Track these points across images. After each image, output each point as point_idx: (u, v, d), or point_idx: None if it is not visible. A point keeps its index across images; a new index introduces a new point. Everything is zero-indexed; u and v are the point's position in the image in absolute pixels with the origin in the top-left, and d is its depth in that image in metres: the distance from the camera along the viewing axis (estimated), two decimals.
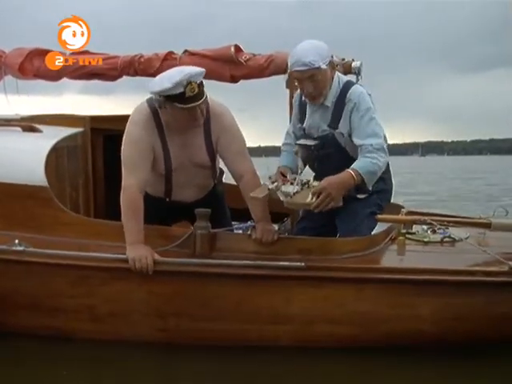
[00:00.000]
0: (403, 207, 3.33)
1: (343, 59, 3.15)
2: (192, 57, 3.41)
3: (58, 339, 2.70)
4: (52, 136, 3.16)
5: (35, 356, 2.68)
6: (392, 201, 3.18)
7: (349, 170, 2.67)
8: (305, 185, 2.64)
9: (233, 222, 3.21)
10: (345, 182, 2.65)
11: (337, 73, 2.88)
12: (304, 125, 2.95)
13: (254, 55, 3.32)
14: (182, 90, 2.50)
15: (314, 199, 2.57)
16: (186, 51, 3.43)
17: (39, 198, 2.87)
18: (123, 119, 2.81)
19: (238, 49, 3.32)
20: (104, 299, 2.68)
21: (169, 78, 2.53)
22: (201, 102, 2.58)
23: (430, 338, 2.60)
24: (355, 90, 2.82)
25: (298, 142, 2.90)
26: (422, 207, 4.96)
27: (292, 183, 2.66)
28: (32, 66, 3.65)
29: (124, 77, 3.62)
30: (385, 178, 3.00)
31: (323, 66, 2.69)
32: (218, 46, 3.43)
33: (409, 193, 12.27)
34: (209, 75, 3.29)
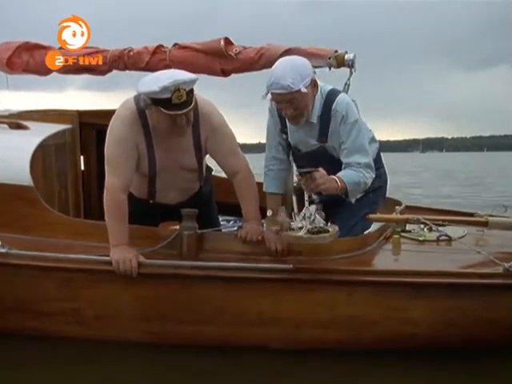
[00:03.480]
0: (400, 203, 3.24)
1: (336, 51, 3.02)
2: (182, 50, 3.31)
3: (43, 341, 2.65)
4: (39, 133, 3.09)
5: (21, 358, 2.63)
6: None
7: (333, 177, 2.53)
8: (315, 226, 2.43)
9: (222, 218, 3.12)
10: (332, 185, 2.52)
11: (318, 82, 2.70)
12: (289, 139, 2.82)
13: (245, 48, 3.21)
14: (168, 95, 2.38)
15: (304, 233, 2.41)
16: (175, 44, 3.34)
17: (24, 197, 2.80)
18: (114, 114, 2.69)
19: (228, 42, 3.21)
20: (89, 302, 2.62)
21: (158, 81, 2.40)
22: (185, 111, 2.45)
23: (423, 342, 2.52)
24: (341, 100, 2.67)
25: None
26: None
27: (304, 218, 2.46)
28: (21, 61, 3.57)
29: (114, 71, 3.54)
30: (379, 173, 2.91)
31: (303, 90, 2.52)
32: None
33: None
34: (199, 69, 3.20)
